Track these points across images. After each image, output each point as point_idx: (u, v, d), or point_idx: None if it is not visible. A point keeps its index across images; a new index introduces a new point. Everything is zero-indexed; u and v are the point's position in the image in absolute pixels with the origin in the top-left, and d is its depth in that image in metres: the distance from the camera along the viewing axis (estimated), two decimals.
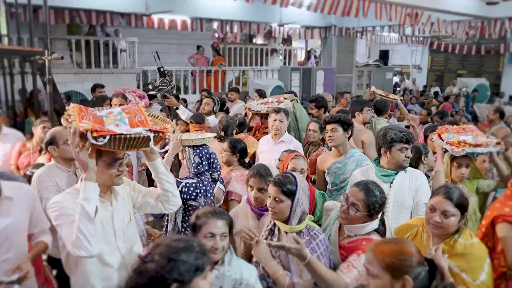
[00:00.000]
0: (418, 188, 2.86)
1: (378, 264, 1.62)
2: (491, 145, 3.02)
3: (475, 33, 11.90)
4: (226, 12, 11.69)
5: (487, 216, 2.61)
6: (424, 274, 1.60)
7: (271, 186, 2.22)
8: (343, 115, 3.58)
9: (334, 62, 14.31)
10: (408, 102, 13.14)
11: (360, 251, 2.17)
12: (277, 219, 2.22)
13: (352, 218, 2.24)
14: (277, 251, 2.20)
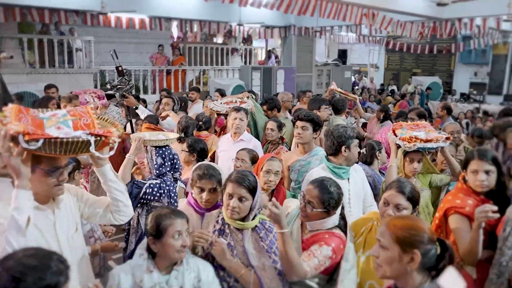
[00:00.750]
0: (363, 179, 3.08)
1: (389, 236, 1.63)
2: (441, 140, 3.14)
3: (428, 33, 12.34)
4: (185, 11, 11.58)
5: (440, 208, 2.70)
6: (434, 252, 1.60)
7: (235, 186, 2.16)
8: (317, 116, 3.59)
9: (294, 61, 14.47)
10: (367, 100, 13.47)
11: (322, 243, 2.20)
12: (238, 218, 2.20)
13: (310, 215, 2.27)
14: (234, 249, 2.20)
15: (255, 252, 2.17)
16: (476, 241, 2.34)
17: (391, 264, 1.61)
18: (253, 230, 2.21)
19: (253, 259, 2.16)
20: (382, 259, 1.63)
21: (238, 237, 2.21)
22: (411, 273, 1.59)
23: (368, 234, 2.46)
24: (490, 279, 2.36)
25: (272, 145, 4.39)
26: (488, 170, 2.54)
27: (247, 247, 2.17)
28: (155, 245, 1.96)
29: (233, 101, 5.04)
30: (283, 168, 3.73)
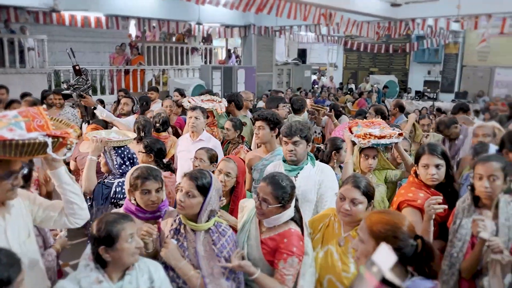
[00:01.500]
0: (322, 182, 2.91)
1: (366, 230, 1.65)
2: (394, 136, 3.24)
3: (383, 33, 12.70)
4: (143, 10, 11.38)
5: (393, 202, 2.78)
6: (411, 249, 1.60)
7: (185, 180, 2.19)
8: (272, 113, 3.59)
9: (254, 61, 14.53)
10: (326, 99, 13.70)
11: (285, 255, 2.22)
12: (184, 214, 2.20)
13: (266, 212, 2.28)
14: (186, 250, 2.19)
15: (205, 255, 2.16)
16: (428, 232, 2.42)
17: (367, 257, 1.60)
18: (206, 232, 2.20)
19: (203, 262, 2.15)
20: (360, 252, 1.66)
21: (192, 238, 2.20)
22: None
23: (325, 230, 2.49)
24: (442, 270, 2.45)
25: (232, 145, 4.39)
26: (438, 164, 2.64)
27: (199, 249, 2.17)
28: (107, 253, 1.88)
29: (212, 100, 5.01)
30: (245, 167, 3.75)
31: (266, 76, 15.01)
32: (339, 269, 2.32)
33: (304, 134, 2.93)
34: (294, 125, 2.98)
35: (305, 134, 2.94)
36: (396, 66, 18.67)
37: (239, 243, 2.37)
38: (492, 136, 3.84)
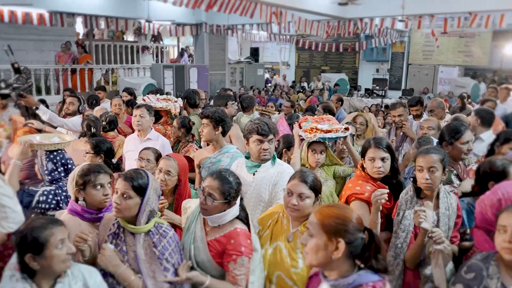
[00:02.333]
0: (277, 182, 2.87)
1: (317, 224, 1.62)
2: (340, 131, 3.30)
3: (333, 32, 12.96)
4: (90, 7, 10.97)
5: (342, 196, 2.82)
6: (360, 241, 1.60)
7: (120, 181, 2.10)
8: (215, 111, 3.54)
9: (207, 59, 14.42)
10: (279, 97, 13.82)
11: (234, 256, 2.19)
12: (121, 217, 2.12)
13: (211, 208, 2.24)
14: (125, 255, 2.10)
15: (146, 258, 2.08)
16: (375, 224, 2.47)
17: (317, 252, 1.61)
18: (146, 235, 2.12)
19: (144, 266, 2.07)
20: (309, 247, 1.63)
21: (131, 241, 2.12)
22: (336, 261, 1.59)
23: (274, 226, 2.49)
24: (388, 261, 2.49)
25: (182, 143, 4.31)
26: (383, 157, 2.70)
27: (139, 252, 2.09)
28: (35, 262, 1.77)
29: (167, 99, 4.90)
30: (195, 165, 3.69)
31: (219, 75, 14.94)
32: (288, 265, 2.32)
33: (276, 132, 2.98)
34: (269, 123, 2.98)
35: (276, 132, 2.99)
36: (347, 64, 19.14)
37: (185, 245, 2.32)
38: (437, 129, 3.99)
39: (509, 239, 1.82)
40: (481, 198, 2.29)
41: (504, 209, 1.92)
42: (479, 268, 1.92)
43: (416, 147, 3.44)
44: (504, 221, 1.86)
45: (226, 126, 3.51)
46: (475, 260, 1.98)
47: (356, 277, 1.57)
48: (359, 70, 18.88)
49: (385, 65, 18.19)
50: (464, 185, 2.98)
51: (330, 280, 1.62)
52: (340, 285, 1.58)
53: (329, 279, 1.63)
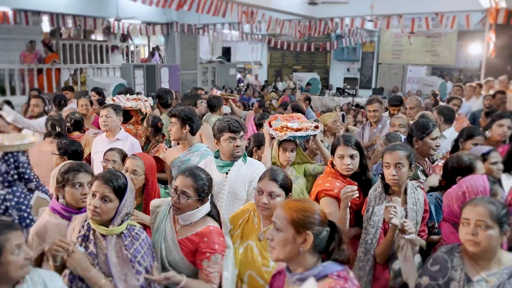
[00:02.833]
0: (253, 179, 2.90)
1: (284, 218, 1.63)
2: (310, 129, 3.32)
3: (304, 32, 13.06)
4: (56, 5, 10.66)
5: (312, 193, 2.83)
6: (325, 234, 1.64)
7: (99, 184, 2.03)
8: (182, 110, 3.51)
9: (178, 59, 14.27)
10: (251, 96, 13.83)
11: (208, 254, 2.19)
12: (98, 220, 2.06)
13: (185, 207, 2.23)
14: (96, 258, 2.05)
15: (117, 261, 2.03)
16: (344, 219, 2.50)
17: (284, 245, 1.62)
18: (118, 237, 2.07)
19: (115, 269, 2.02)
20: (276, 242, 1.64)
21: (102, 244, 2.06)
22: (303, 254, 1.62)
23: (245, 225, 2.49)
24: (358, 256, 2.53)
25: (152, 143, 4.25)
26: (352, 154, 2.73)
27: (110, 255, 2.03)
28: None
29: (137, 99, 4.81)
30: (165, 164, 3.65)
31: (190, 74, 14.81)
32: (259, 264, 2.33)
33: (246, 129, 3.02)
34: (239, 120, 3.01)
35: (246, 129, 3.04)
36: (318, 64, 19.32)
37: (155, 245, 2.28)
38: (407, 127, 4.07)
39: (472, 231, 1.88)
40: (448, 192, 2.36)
41: (467, 203, 1.98)
42: (444, 260, 1.97)
43: (384, 143, 3.50)
44: (467, 214, 1.92)
45: (194, 124, 3.49)
46: (440, 252, 2.03)
47: (321, 269, 1.60)
48: (331, 69, 19.08)
49: (356, 64, 18.46)
50: (430, 180, 3.05)
51: (295, 274, 1.63)
52: (306, 277, 1.60)
53: (295, 273, 1.64)
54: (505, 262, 1.90)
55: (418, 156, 3.18)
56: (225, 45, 19.52)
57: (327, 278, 1.57)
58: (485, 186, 2.24)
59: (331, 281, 1.55)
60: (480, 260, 1.91)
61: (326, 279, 1.57)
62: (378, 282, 2.51)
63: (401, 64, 17.31)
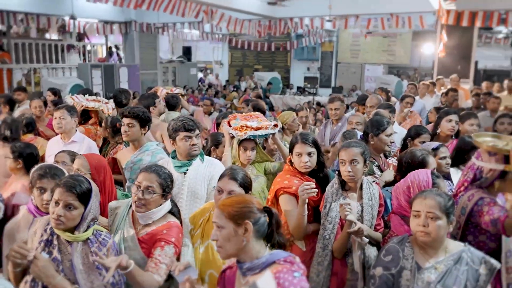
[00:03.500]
0: (212, 177, 2.91)
1: (222, 215, 1.71)
2: (269, 128, 3.36)
3: (264, 32, 13.14)
4: (7, 2, 10.24)
5: (271, 190, 2.86)
6: (263, 220, 1.73)
7: (63, 192, 1.96)
8: (143, 111, 3.47)
9: (137, 59, 14.03)
10: (213, 96, 13.78)
11: (163, 243, 2.17)
12: (63, 229, 1.98)
13: (149, 203, 2.23)
14: (60, 264, 1.98)
15: (83, 268, 1.98)
16: (302, 216, 2.55)
17: (229, 240, 1.69)
18: (84, 243, 2.01)
19: (81, 276, 1.97)
20: (221, 239, 1.71)
21: (67, 250, 2.00)
22: (248, 244, 1.69)
23: (206, 224, 2.49)
24: (317, 252, 2.59)
25: (111, 144, 4.17)
26: (310, 152, 2.77)
27: (75, 262, 1.97)
28: None
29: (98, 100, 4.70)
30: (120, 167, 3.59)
31: (150, 74, 14.60)
32: (220, 263, 2.33)
33: (200, 127, 3.02)
34: (193, 119, 3.02)
35: (201, 127, 3.04)
36: (279, 63, 19.48)
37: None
38: (364, 124, 4.19)
39: (422, 223, 1.99)
40: (396, 186, 2.47)
41: (417, 195, 2.09)
42: (396, 250, 2.07)
43: (342, 140, 3.58)
44: (417, 206, 2.03)
45: (150, 126, 3.52)
46: (392, 243, 2.12)
47: (268, 256, 1.69)
48: (291, 68, 19.28)
49: (316, 63, 18.74)
50: (385, 175, 3.16)
51: (245, 264, 1.70)
52: (255, 266, 1.68)
53: (245, 263, 1.71)
54: (451, 250, 2.03)
55: (373, 152, 3.28)
56: (185, 44, 19.35)
57: (274, 264, 1.67)
58: (428, 180, 2.36)
59: (278, 266, 1.65)
60: (429, 249, 2.03)
61: (273, 265, 1.67)
62: (336, 276, 2.57)
63: (359, 63, 17.73)
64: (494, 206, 2.31)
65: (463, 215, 2.43)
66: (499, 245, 2.37)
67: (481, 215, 2.33)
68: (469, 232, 2.45)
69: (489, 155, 2.38)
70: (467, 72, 9.93)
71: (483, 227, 2.36)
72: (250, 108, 4.80)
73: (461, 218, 2.44)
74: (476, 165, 2.47)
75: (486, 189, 2.43)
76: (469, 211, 2.39)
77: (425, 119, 6.17)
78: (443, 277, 1.96)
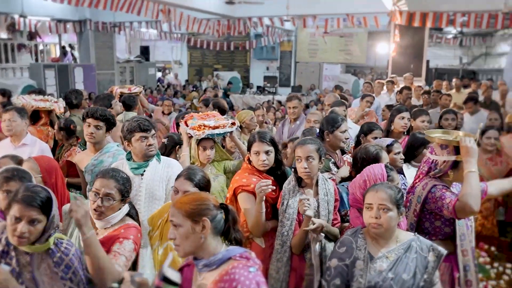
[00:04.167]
0: (170, 177, 2.87)
1: (179, 214, 1.71)
2: (227, 126, 3.37)
3: (223, 31, 13.14)
4: None
5: (230, 189, 2.87)
6: (220, 216, 1.75)
7: (23, 208, 1.81)
8: (110, 113, 3.39)
9: (93, 58, 13.68)
10: (172, 96, 13.62)
11: (121, 239, 2.15)
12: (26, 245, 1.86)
13: (108, 210, 2.20)
14: (20, 276, 1.87)
15: (47, 280, 1.88)
16: (260, 213, 2.58)
17: (187, 238, 1.70)
18: (45, 253, 1.90)
19: (42, 285, 1.87)
20: (179, 238, 1.71)
21: (26, 261, 1.88)
22: (206, 241, 1.70)
23: (164, 225, 2.48)
24: (276, 249, 2.63)
25: (65, 147, 4.04)
26: (267, 150, 2.80)
27: (37, 274, 1.87)
28: None
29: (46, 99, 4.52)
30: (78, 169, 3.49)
31: (107, 74, 14.27)
32: (180, 264, 2.32)
33: (156, 127, 3.00)
34: (149, 119, 2.99)
35: (157, 127, 3.03)
36: (238, 62, 19.50)
37: None
38: None
39: (375, 215, 2.07)
40: (353, 180, 2.54)
41: (369, 189, 2.17)
42: (349, 242, 2.14)
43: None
44: (369, 199, 2.11)
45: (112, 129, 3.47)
46: (346, 235, 2.20)
47: (225, 253, 1.71)
48: (251, 68, 19.33)
49: (275, 63, 18.89)
50: (341, 171, 3.24)
51: (202, 261, 1.72)
52: (211, 262, 1.70)
53: (202, 260, 1.72)
54: (401, 240, 2.13)
55: (329, 149, 3.36)
56: (143, 44, 19.02)
57: (231, 260, 1.69)
58: (383, 174, 2.45)
59: (234, 262, 1.68)
60: (381, 240, 2.11)
61: (229, 261, 1.69)
62: (295, 272, 2.62)
63: (317, 62, 18.03)
64: (447, 191, 2.46)
65: (419, 203, 2.56)
66: (453, 230, 2.53)
67: (435, 201, 2.47)
68: (426, 219, 2.59)
69: (441, 148, 2.56)
70: (420, 71, 10.31)
71: (437, 212, 2.50)
72: (210, 107, 4.79)
73: (417, 206, 2.57)
74: (430, 159, 2.61)
75: (440, 179, 2.57)
76: (424, 198, 2.52)
77: (380, 117, 6.37)
78: (394, 265, 2.05)
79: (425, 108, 5.56)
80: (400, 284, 2.01)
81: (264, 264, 2.70)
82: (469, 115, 5.94)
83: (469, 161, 2.37)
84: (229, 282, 1.61)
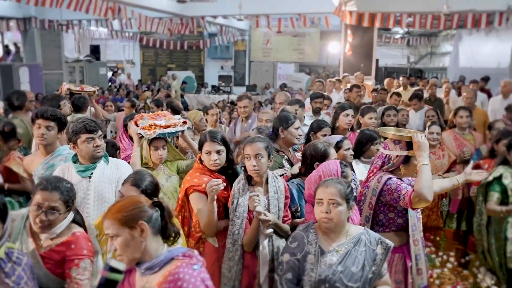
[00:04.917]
0: (119, 179, 2.79)
1: (113, 224, 1.66)
2: (178, 125, 3.34)
3: (176, 30, 12.97)
4: None
5: (181, 189, 2.85)
6: (156, 215, 1.72)
7: None
8: (63, 114, 3.24)
9: (39, 58, 13.12)
10: (124, 97, 13.31)
11: (77, 261, 2.10)
12: None
13: (54, 222, 2.12)
14: None
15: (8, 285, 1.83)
16: (212, 213, 2.58)
17: (128, 246, 1.66)
18: None
19: None
20: (119, 248, 1.66)
21: None
22: (147, 244, 1.68)
23: None
24: (227, 248, 2.63)
25: (5, 151, 3.82)
26: (219, 150, 2.79)
27: None
28: None
29: None
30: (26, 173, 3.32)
31: (55, 74, 13.72)
32: None
33: (103, 129, 2.99)
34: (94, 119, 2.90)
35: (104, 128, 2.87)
36: (192, 62, 19.35)
37: None
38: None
39: (325, 210, 2.12)
40: (309, 176, 2.59)
41: (319, 184, 2.22)
42: (301, 236, 2.18)
43: None
44: (320, 194, 2.16)
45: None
46: (298, 230, 2.24)
47: (167, 254, 1.70)
48: (205, 67, 19.25)
49: (229, 62, 18.91)
50: (295, 169, 3.29)
51: (144, 264, 1.69)
52: (154, 265, 1.67)
53: (144, 263, 1.69)
54: (351, 234, 2.19)
55: (283, 146, 3.42)
56: (93, 42, 18.44)
57: (173, 260, 1.68)
58: (337, 169, 2.51)
59: (177, 262, 1.67)
60: (331, 234, 2.17)
61: (172, 261, 1.68)
62: (248, 270, 2.63)
63: (271, 61, 18.19)
64: (402, 183, 2.61)
65: (374, 196, 2.68)
66: (406, 221, 2.68)
67: (390, 192, 2.60)
68: (380, 211, 2.72)
69: (394, 144, 2.72)
70: (369, 70, 10.62)
71: (392, 203, 2.62)
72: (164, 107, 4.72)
73: (373, 199, 2.70)
74: (384, 154, 2.74)
75: (393, 173, 2.71)
76: (380, 191, 2.64)
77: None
78: (343, 258, 2.10)
79: (374, 106, 5.73)
80: (349, 277, 2.06)
81: (217, 263, 2.72)
82: (414, 111, 6.18)
83: (422, 155, 2.51)
84: (173, 282, 1.60)
